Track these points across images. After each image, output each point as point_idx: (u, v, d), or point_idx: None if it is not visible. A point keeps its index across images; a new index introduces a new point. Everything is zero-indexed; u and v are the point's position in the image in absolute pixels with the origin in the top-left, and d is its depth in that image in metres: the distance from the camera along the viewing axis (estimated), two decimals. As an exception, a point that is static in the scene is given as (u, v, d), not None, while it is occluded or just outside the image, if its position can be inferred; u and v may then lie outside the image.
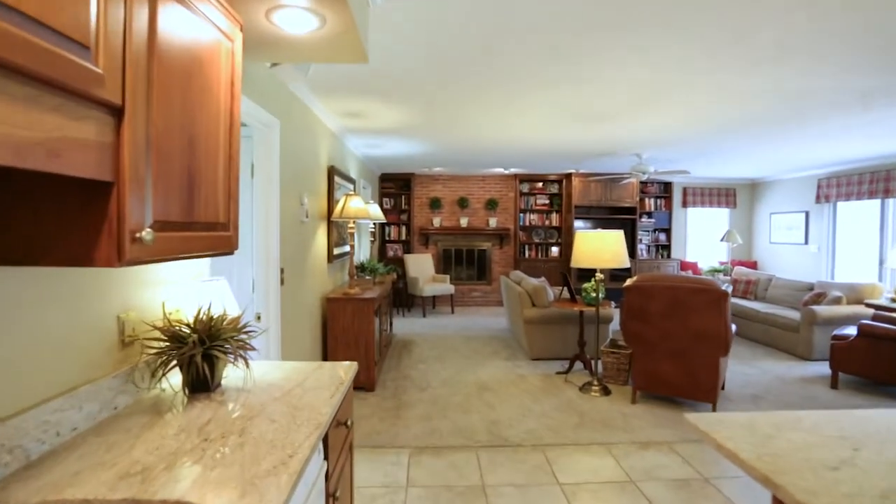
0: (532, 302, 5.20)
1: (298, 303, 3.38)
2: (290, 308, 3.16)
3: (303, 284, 3.49)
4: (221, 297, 1.80)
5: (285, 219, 3.08)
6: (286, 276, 3.09)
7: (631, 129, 4.73)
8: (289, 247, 3.16)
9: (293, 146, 3.25)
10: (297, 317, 3.32)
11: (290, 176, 3.16)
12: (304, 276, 3.52)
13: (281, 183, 2.96)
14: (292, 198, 3.22)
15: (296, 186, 3.31)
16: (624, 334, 3.86)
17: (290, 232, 3.20)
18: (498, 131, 4.90)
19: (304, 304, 3.52)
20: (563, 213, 8.83)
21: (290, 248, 3.18)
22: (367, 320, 4.07)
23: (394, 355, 5.32)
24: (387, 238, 8.77)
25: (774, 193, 8.76)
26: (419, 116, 4.28)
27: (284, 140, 3.05)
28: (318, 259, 4.03)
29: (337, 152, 4.79)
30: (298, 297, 3.38)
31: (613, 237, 3.93)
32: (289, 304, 3.15)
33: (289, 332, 3.13)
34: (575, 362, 4.69)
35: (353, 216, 3.99)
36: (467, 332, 6.57)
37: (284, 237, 3.06)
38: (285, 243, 3.08)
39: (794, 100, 3.60)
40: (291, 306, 3.20)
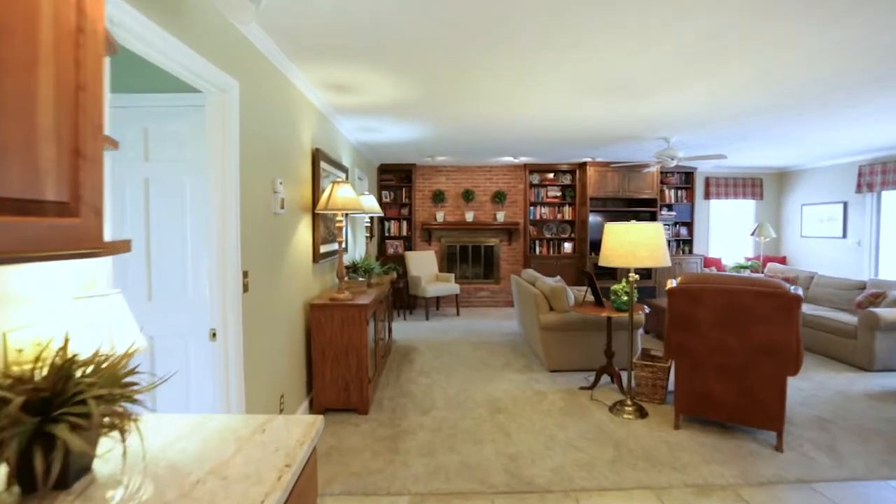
0: (549, 305, 4.57)
1: (271, 312, 2.76)
2: (257, 320, 2.54)
3: (277, 290, 2.87)
4: (111, 322, 1.17)
5: (250, 209, 2.46)
6: (252, 281, 2.47)
7: (663, 106, 4.08)
8: (256, 244, 2.54)
9: (261, 118, 2.62)
10: (267, 330, 2.70)
11: (256, 155, 2.54)
12: (278, 279, 2.90)
13: (242, 163, 2.33)
14: (260, 183, 2.60)
15: (266, 169, 2.68)
16: (665, 345, 3.23)
17: (258, 226, 2.58)
18: (508, 110, 4.25)
19: (279, 314, 2.90)
20: (577, 205, 8.18)
21: (257, 245, 2.55)
22: (358, 330, 3.45)
23: (392, 366, 4.70)
24: (386, 234, 8.15)
25: (807, 183, 8.07)
26: (418, 90, 3.64)
27: (247, 108, 2.42)
28: (300, 258, 3.41)
29: (325, 135, 4.16)
30: (271, 306, 2.76)
31: (652, 230, 3.28)
32: (255, 316, 2.52)
33: (255, 350, 2.51)
34: (601, 376, 4.05)
35: (341, 208, 3.37)
36: (475, 337, 5.94)
37: (248, 233, 2.44)
38: (250, 240, 2.46)
39: (873, 57, 2.94)
40: (259, 317, 2.58)
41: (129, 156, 2.41)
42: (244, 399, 2.33)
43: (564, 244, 8.24)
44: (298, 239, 3.35)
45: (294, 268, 3.24)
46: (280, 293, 2.92)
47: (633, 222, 3.38)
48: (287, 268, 3.07)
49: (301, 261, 3.42)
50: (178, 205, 2.44)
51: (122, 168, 2.40)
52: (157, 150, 2.44)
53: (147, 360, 2.42)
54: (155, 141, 2.43)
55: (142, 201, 2.42)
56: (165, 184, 2.43)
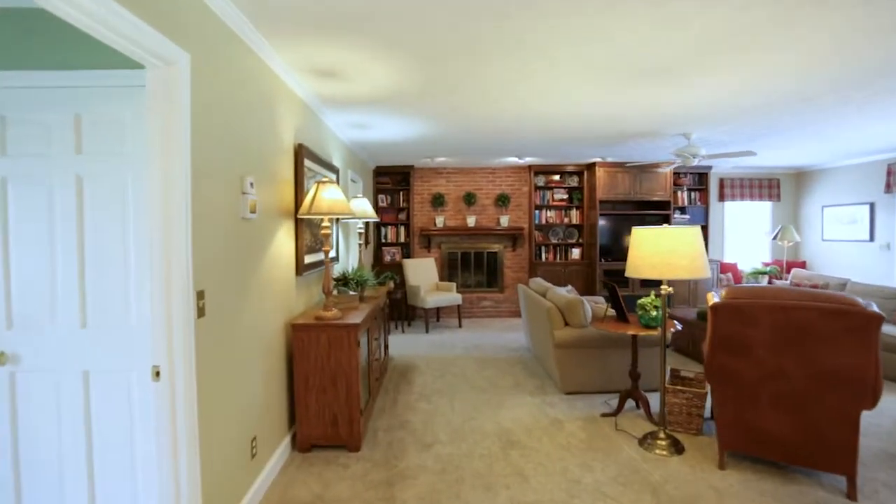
0: (564, 320, 4.09)
1: (238, 338, 2.28)
2: (217, 350, 2.06)
3: (247, 310, 2.39)
4: None
5: (208, 214, 1.98)
6: (210, 303, 1.99)
7: (688, 96, 3.62)
8: (216, 257, 2.06)
9: (225, 103, 2.15)
10: (233, 360, 2.22)
11: (217, 148, 2.06)
12: (249, 297, 2.42)
13: (196, 157, 1.86)
14: (223, 183, 2.12)
15: (231, 166, 2.21)
16: (706, 369, 2.75)
17: (220, 234, 2.10)
18: (517, 101, 3.79)
19: (251, 338, 2.42)
20: (585, 208, 7.72)
21: (218, 258, 2.08)
22: (348, 353, 2.97)
23: (389, 388, 4.21)
24: (383, 241, 7.68)
25: (827, 183, 7.63)
26: (416, 75, 3.18)
27: (204, 89, 1.95)
28: (280, 271, 2.93)
29: (311, 130, 3.70)
30: (239, 330, 2.28)
31: (691, 235, 2.81)
32: (216, 345, 2.04)
33: (215, 387, 2.03)
34: (626, 401, 3.57)
35: (327, 212, 2.90)
36: (479, 352, 5.45)
37: (205, 243, 1.96)
38: (208, 252, 1.98)
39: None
40: (221, 346, 2.10)
41: (55, 149, 1.93)
42: (198, 458, 1.84)
43: (572, 250, 7.78)
44: (277, 248, 2.88)
45: (271, 283, 2.76)
46: (251, 314, 2.44)
47: (666, 226, 2.91)
48: (261, 283, 2.59)
49: (281, 274, 2.94)
50: (119, 208, 1.96)
51: (46, 163, 1.93)
52: (92, 141, 1.96)
53: (79, 401, 1.94)
54: (90, 130, 1.96)
55: (73, 204, 1.94)
56: (103, 183, 1.96)
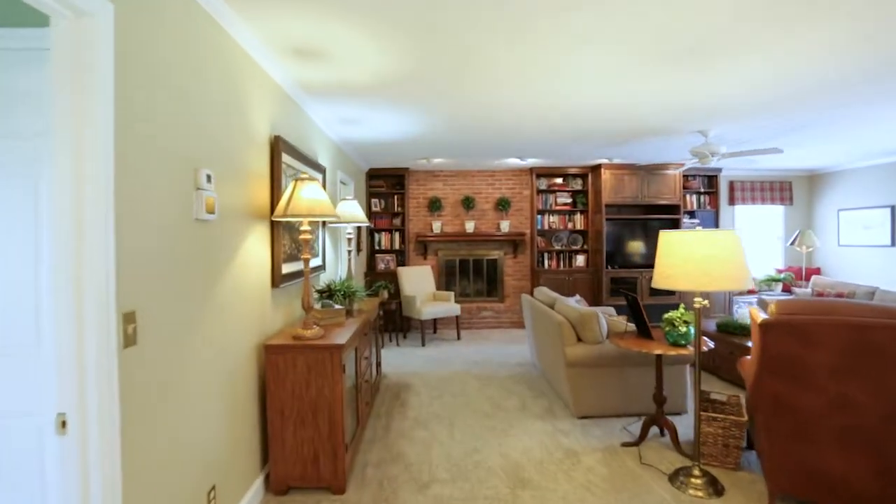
0: (577, 335, 3.66)
1: (189, 368, 1.84)
2: (154, 387, 1.62)
3: (202, 332, 1.95)
4: None
5: (142, 214, 1.55)
6: (146, 326, 1.56)
7: (710, 86, 3.23)
8: (157, 268, 1.63)
9: (171, 76, 1.73)
10: (180, 397, 1.78)
11: (157, 132, 1.64)
12: (205, 316, 1.98)
13: (122, 140, 1.44)
14: (167, 175, 1.69)
15: (180, 155, 1.78)
16: (752, 396, 2.34)
17: (163, 240, 1.67)
18: (523, 89, 3.39)
19: (209, 366, 1.98)
20: (590, 213, 7.32)
21: (160, 270, 1.64)
22: (331, 378, 2.53)
23: (381, 412, 3.76)
24: (376, 247, 7.25)
25: (843, 185, 7.28)
26: (411, 59, 2.77)
27: (137, 53, 1.53)
28: (251, 283, 2.49)
29: (291, 122, 3.28)
30: (191, 357, 1.84)
31: (731, 240, 2.40)
32: (151, 380, 1.60)
33: (147, 435, 1.59)
34: (649, 428, 3.14)
35: (306, 214, 2.47)
36: (480, 368, 5.01)
37: (139, 251, 1.53)
38: (143, 262, 1.55)
39: None
40: (160, 382, 1.66)
41: (-58, 128, 1.51)
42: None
43: (577, 257, 7.37)
44: (247, 256, 2.44)
45: (239, 297, 2.32)
46: (210, 336, 2.00)
47: (699, 229, 2.50)
48: (225, 298, 2.16)
49: (252, 286, 2.51)
50: (30, 206, 1.53)
51: (-70, 147, 1.50)
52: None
53: (-27, 456, 1.50)
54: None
55: (-35, 201, 1.51)
56: (8, 173, 1.53)
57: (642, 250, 7.04)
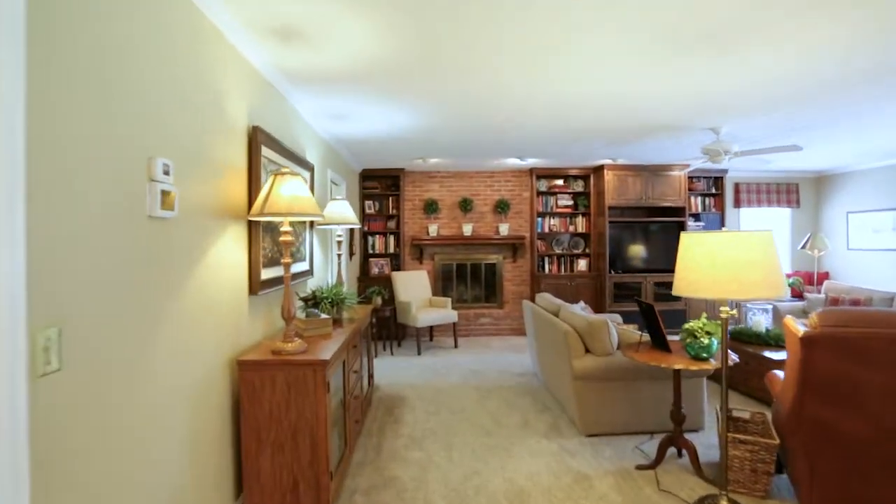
0: (585, 346, 3.39)
1: (138, 394, 1.54)
2: (86, 422, 1.32)
3: (157, 351, 1.66)
4: None
5: (70, 207, 1.27)
6: (79, 347, 1.26)
7: (731, 72, 2.98)
8: (95, 275, 1.34)
9: (114, 38, 1.44)
10: (123, 430, 1.48)
11: (96, 108, 1.35)
12: (160, 331, 1.69)
13: (37, 111, 1.15)
14: (108, 162, 1.41)
15: (126, 137, 1.50)
16: (791, 420, 2.06)
17: (104, 240, 1.38)
18: (526, 78, 3.12)
19: (163, 391, 1.69)
20: (592, 215, 7.07)
21: (100, 277, 1.35)
22: (313, 398, 2.24)
23: (373, 430, 3.46)
24: (370, 251, 6.95)
25: (852, 187, 7.06)
26: (402, 41, 2.50)
27: (65, 4, 1.24)
28: (224, 290, 2.20)
29: (273, 113, 3.00)
30: (141, 382, 1.55)
31: (765, 242, 2.13)
32: (82, 414, 1.31)
33: (74, 483, 1.29)
34: (667, 449, 2.86)
35: (285, 212, 2.18)
36: (479, 379, 4.72)
37: (67, 253, 1.24)
38: (73, 268, 1.26)
39: None
40: (95, 415, 1.36)
41: None
42: None
43: (579, 261, 7.10)
44: (219, 260, 2.15)
45: (208, 306, 2.03)
46: (167, 353, 1.71)
47: (725, 230, 2.24)
48: (189, 307, 1.87)
49: (225, 294, 2.22)
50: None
51: None
52: None
53: None
54: None
55: None
56: None
57: (646, 254, 6.79)
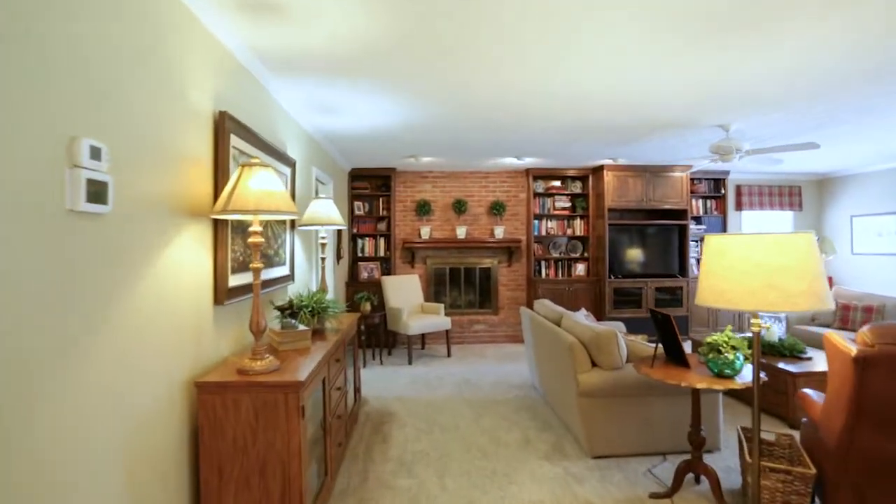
0: (591, 360, 3.10)
1: (45, 430, 1.23)
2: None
3: (82, 375, 1.34)
4: None
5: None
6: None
7: (752, 60, 2.72)
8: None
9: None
10: (24, 477, 1.16)
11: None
12: (85, 352, 1.37)
13: None
14: (10, 140, 1.09)
15: (34, 109, 1.18)
16: (841, 451, 1.79)
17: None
18: (525, 68, 2.84)
19: (88, 424, 1.37)
20: (591, 218, 6.81)
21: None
22: (285, 426, 1.92)
23: (358, 452, 3.15)
24: (359, 254, 6.63)
25: (856, 190, 6.87)
26: (397, 17, 2.20)
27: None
28: (180, 301, 1.89)
29: (247, 99, 2.69)
30: (50, 415, 1.24)
31: (805, 245, 1.85)
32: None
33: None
34: (684, 476, 2.58)
35: (253, 209, 1.87)
36: (473, 391, 4.42)
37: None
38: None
39: None
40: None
41: None
42: None
43: (577, 265, 6.83)
44: (173, 264, 1.84)
45: (158, 319, 1.72)
46: (93, 379, 1.39)
47: (755, 233, 1.96)
48: (131, 321, 1.55)
49: (182, 304, 1.90)
50: None
51: None
52: None
53: None
54: None
55: None
56: None
57: (647, 258, 6.53)
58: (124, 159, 1.51)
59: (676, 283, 6.45)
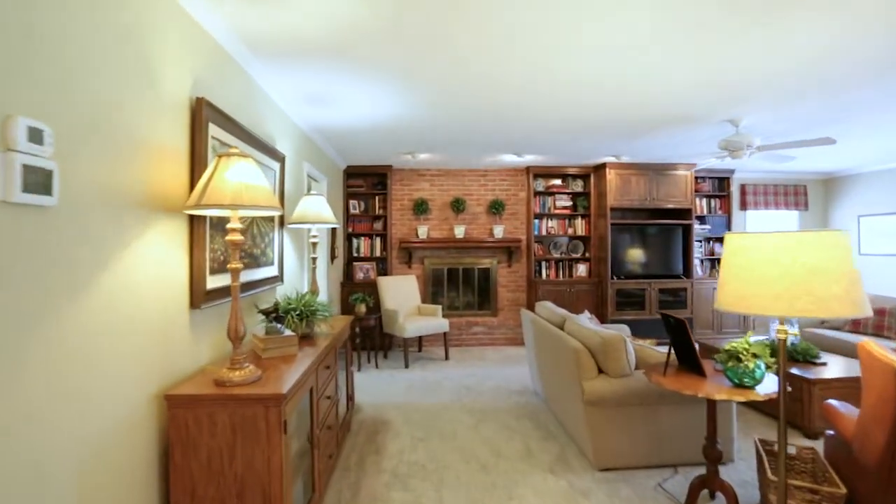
0: (598, 366, 2.93)
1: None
2: None
3: (22, 394, 1.16)
4: None
5: None
6: None
7: (761, 51, 2.56)
8: None
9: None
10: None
11: None
12: (27, 367, 1.19)
13: None
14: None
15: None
16: (882, 472, 1.61)
17: None
18: (528, 51, 2.67)
19: (33, 453, 1.19)
20: (593, 217, 6.64)
21: None
22: (265, 444, 1.74)
23: (350, 463, 2.96)
24: (355, 254, 6.45)
25: (864, 190, 6.72)
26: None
27: None
28: (148, 306, 1.70)
29: (231, 89, 2.50)
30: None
31: (840, 244, 1.68)
32: None
33: None
34: (699, 492, 2.40)
35: (230, 203, 1.69)
36: (473, 397, 4.24)
37: None
38: None
39: None
40: None
41: None
42: None
43: (578, 266, 6.66)
44: (139, 264, 1.65)
45: (121, 326, 1.53)
46: (36, 396, 1.21)
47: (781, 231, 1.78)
48: (87, 329, 1.37)
49: (151, 310, 1.71)
50: None
51: None
52: None
53: None
54: None
55: None
56: None
57: (650, 259, 6.36)
58: (76, 145, 1.33)
59: (680, 285, 6.29)
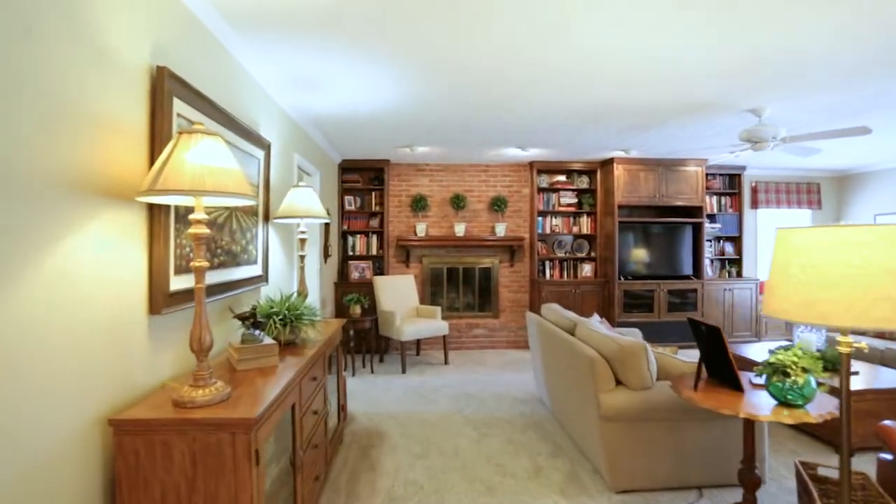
0: (616, 377, 2.64)
1: None
2: None
3: None
4: None
5: None
6: None
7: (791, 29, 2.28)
8: None
9: None
10: None
11: None
12: None
13: None
14: None
15: None
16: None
17: None
18: (535, 32, 2.38)
19: None
20: (599, 215, 6.36)
21: None
22: (232, 478, 1.45)
23: (340, 483, 2.67)
24: (350, 253, 6.15)
25: (880, 187, 6.47)
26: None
27: None
28: (90, 313, 1.41)
29: (202, 61, 2.21)
30: None
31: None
32: None
33: None
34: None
35: (188, 189, 1.40)
36: (474, 406, 3.95)
37: None
38: None
39: None
40: None
41: None
42: None
43: (583, 266, 6.38)
44: (77, 265, 1.36)
45: (49, 340, 1.24)
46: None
47: (843, 224, 1.50)
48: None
49: (93, 318, 1.42)
50: None
51: None
52: None
53: None
54: None
55: None
56: None
57: (658, 259, 6.09)
58: (-20, 108, 1.03)
59: (691, 286, 6.01)
